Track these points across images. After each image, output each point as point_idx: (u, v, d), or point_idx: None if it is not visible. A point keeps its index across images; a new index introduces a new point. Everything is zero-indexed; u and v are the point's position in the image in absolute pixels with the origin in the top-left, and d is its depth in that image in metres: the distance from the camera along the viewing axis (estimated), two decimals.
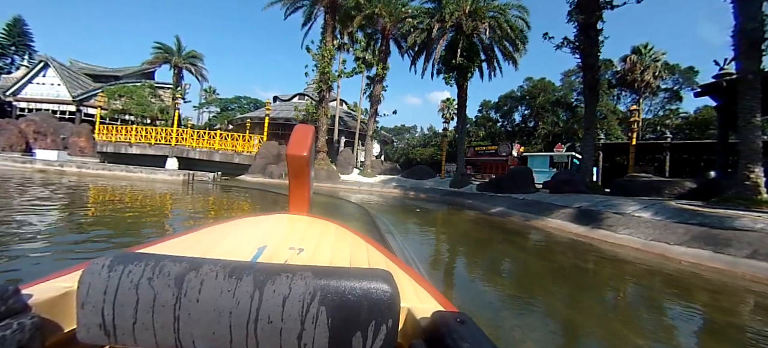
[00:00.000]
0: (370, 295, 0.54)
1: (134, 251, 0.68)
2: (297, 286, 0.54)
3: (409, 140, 54.98)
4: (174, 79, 33.79)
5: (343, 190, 17.61)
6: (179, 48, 33.51)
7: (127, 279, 0.54)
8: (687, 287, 4.24)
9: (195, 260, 0.57)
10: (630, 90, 31.26)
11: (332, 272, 0.57)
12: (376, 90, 20.07)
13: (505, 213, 10.43)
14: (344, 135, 30.39)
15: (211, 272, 0.55)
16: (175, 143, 22.32)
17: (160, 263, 0.56)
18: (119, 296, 0.53)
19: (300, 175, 1.34)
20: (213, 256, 0.67)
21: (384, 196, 15.81)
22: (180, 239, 1.04)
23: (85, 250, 3.82)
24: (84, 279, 0.54)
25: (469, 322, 0.58)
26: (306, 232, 1.14)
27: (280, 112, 31.35)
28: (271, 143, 20.54)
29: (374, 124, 20.22)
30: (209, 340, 0.53)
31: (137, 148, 23.12)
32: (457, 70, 17.18)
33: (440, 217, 10.40)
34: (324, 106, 19.82)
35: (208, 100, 48.12)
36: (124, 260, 0.56)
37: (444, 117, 47.59)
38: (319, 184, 18.09)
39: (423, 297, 0.83)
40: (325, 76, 19.23)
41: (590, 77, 12.55)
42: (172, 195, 9.84)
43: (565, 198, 10.57)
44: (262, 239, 0.98)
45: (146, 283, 0.54)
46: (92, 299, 0.53)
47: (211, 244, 0.97)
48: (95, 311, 0.53)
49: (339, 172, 19.74)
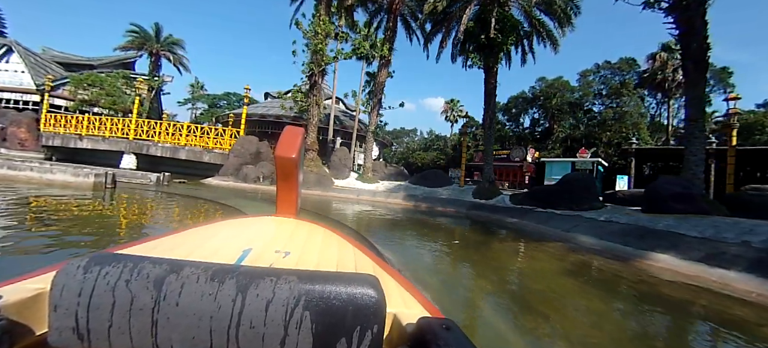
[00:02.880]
0: (355, 300, 0.51)
1: (112, 252, 0.61)
2: (281, 290, 0.51)
3: (408, 144, 50.68)
4: (150, 68, 29.16)
5: (337, 199, 13.19)
6: (158, 33, 28.90)
7: (104, 281, 0.51)
8: None
9: (176, 262, 0.54)
10: (658, 91, 27.38)
11: (317, 276, 0.54)
12: (381, 76, 15.72)
13: (608, 249, 6.15)
14: (340, 135, 26.10)
15: (193, 275, 0.52)
16: (134, 137, 17.75)
17: (139, 265, 0.52)
18: (94, 299, 0.50)
19: (288, 177, 1.26)
20: (195, 258, 0.64)
21: (390, 209, 11.44)
22: (162, 240, 0.94)
23: None
24: (57, 280, 0.51)
25: (455, 328, 0.56)
26: (293, 235, 1.07)
27: (270, 108, 27.05)
28: (249, 138, 16.04)
29: (377, 119, 15.85)
30: (188, 345, 0.50)
31: (88, 142, 18.49)
32: (487, 48, 12.92)
33: (498, 254, 6.02)
34: (315, 95, 15.44)
35: (194, 95, 43.47)
36: (101, 261, 0.53)
37: (448, 119, 43.62)
38: (307, 191, 13.65)
39: (409, 302, 0.79)
40: (318, 56, 14.86)
41: (695, 46, 8.37)
42: (51, 209, 5.42)
43: (690, 222, 6.32)
44: (248, 241, 0.91)
45: (123, 286, 0.50)
46: (66, 301, 0.50)
47: (194, 245, 0.88)
48: (68, 314, 0.50)
49: (332, 176, 15.33)
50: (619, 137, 25.99)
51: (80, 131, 18.72)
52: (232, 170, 15.01)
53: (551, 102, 29.73)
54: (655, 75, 26.27)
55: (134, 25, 28.22)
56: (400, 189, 14.55)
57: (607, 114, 27.10)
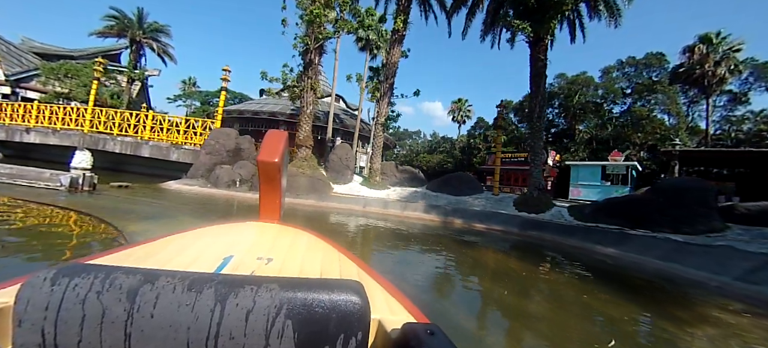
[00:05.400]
0: (339, 307, 0.49)
1: (83, 262, 0.57)
2: (262, 298, 0.48)
3: (411, 146, 47.05)
4: (131, 58, 25.48)
5: (337, 210, 9.59)
6: (140, 19, 25.22)
7: (73, 293, 0.46)
8: None
9: (151, 272, 0.51)
10: (694, 87, 23.96)
11: (300, 284, 0.52)
12: (393, 55, 12.14)
13: None
14: (340, 135, 22.56)
15: (169, 285, 0.48)
16: (89, 129, 14.10)
17: (111, 275, 0.49)
18: (62, 312, 0.46)
19: (271, 181, 1.21)
20: (172, 267, 0.60)
21: (410, 227, 7.85)
22: (136, 249, 0.88)
23: None
24: (22, 294, 0.47)
25: (439, 333, 0.54)
26: (276, 240, 1.01)
27: (264, 105, 23.61)
28: (226, 131, 12.36)
29: (388, 109, 12.25)
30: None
31: (36, 135, 14.81)
32: (537, 12, 9.40)
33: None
34: (311, 77, 11.87)
35: (186, 91, 39.79)
36: (70, 272, 0.49)
37: (454, 119, 40.02)
38: (297, 200, 10.03)
39: (394, 308, 0.76)
40: (315, 26, 11.32)
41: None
42: None
43: None
44: (228, 249, 0.86)
45: (94, 298, 0.46)
46: (31, 316, 0.45)
47: (170, 254, 0.83)
48: (34, 330, 0.45)
49: (330, 181, 11.72)
50: (653, 139, 22.55)
51: (29, 122, 15.06)
52: (204, 171, 11.38)
53: (573, 100, 26.26)
54: (693, 70, 22.85)
55: (114, 9, 24.55)
56: (418, 197, 10.96)
57: (640, 112, 23.63)
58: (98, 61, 14.82)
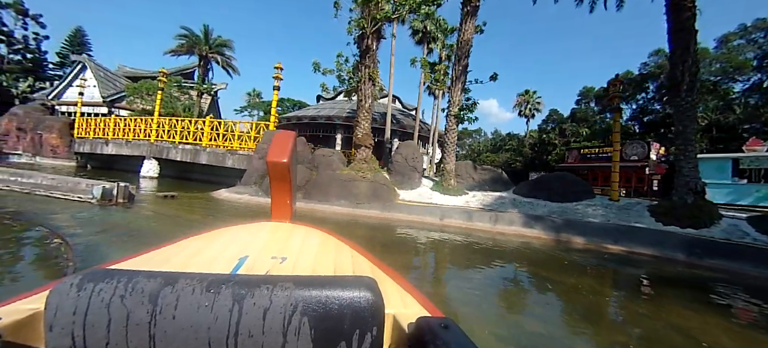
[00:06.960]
0: (353, 303, 0.49)
1: (105, 268, 0.57)
2: (278, 297, 0.49)
3: (471, 145, 43.47)
4: (200, 72, 26.62)
5: (407, 223, 7.54)
6: (207, 35, 26.23)
7: (98, 298, 0.47)
8: None
9: (170, 275, 0.51)
10: None
11: (314, 281, 0.52)
12: (466, 31, 9.76)
13: None
14: (397, 136, 20.68)
15: (188, 287, 0.49)
16: (155, 139, 13.99)
17: (133, 279, 0.49)
18: (90, 317, 0.47)
19: (281, 181, 1.20)
20: (190, 269, 0.61)
21: (507, 245, 5.45)
22: (155, 253, 0.87)
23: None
24: (51, 300, 0.48)
25: (454, 326, 0.54)
26: (289, 240, 0.99)
27: (322, 110, 22.80)
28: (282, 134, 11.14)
29: (461, 96, 9.91)
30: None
31: (113, 147, 15.23)
32: None
33: None
34: (369, 66, 10.05)
35: (250, 103, 41.40)
36: (94, 278, 0.50)
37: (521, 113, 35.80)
38: (358, 210, 8.19)
39: (408, 302, 0.75)
40: (371, 6, 9.49)
41: None
42: None
43: None
44: (243, 249, 0.84)
45: (118, 302, 0.47)
46: (61, 321, 0.47)
47: (188, 256, 0.83)
48: (65, 333, 0.46)
49: (395, 185, 9.72)
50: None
51: (107, 135, 15.61)
52: (256, 177, 10.18)
53: None
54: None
55: (184, 28, 25.85)
56: (506, 204, 8.43)
57: None
58: (161, 71, 14.82)
